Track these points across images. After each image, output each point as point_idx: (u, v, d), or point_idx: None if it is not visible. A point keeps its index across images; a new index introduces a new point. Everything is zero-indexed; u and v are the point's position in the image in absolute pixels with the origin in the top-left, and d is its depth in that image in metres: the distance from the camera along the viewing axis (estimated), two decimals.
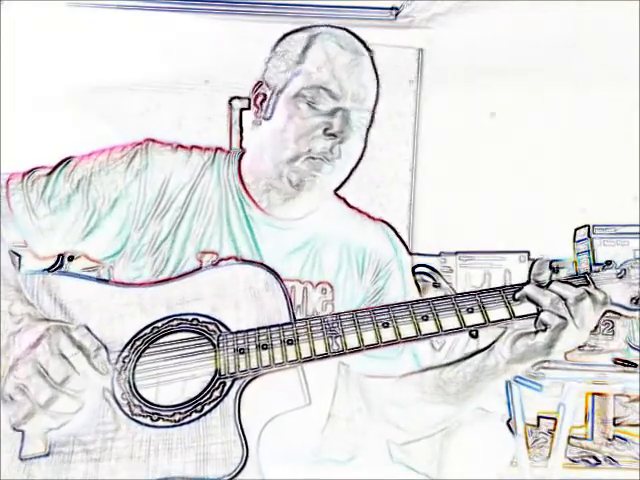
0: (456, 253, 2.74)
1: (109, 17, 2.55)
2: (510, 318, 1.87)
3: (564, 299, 1.85)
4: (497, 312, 1.87)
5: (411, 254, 2.21)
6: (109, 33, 2.55)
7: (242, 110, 2.58)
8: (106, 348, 1.84)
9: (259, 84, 2.10)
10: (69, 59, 2.52)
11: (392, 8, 2.67)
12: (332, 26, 2.10)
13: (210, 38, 2.56)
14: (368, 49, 2.07)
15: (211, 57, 2.55)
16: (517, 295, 1.90)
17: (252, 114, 2.10)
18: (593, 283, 1.89)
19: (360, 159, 2.08)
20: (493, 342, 1.94)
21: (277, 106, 2.03)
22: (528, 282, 1.94)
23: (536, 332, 1.88)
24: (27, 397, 1.76)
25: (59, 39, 2.52)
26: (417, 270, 2.36)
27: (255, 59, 2.17)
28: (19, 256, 1.99)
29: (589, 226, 2.58)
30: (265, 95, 2.07)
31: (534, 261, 1.97)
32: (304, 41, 2.05)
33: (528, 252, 2.66)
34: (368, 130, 2.07)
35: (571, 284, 1.88)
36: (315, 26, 2.09)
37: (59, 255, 2.05)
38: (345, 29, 2.09)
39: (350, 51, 2.04)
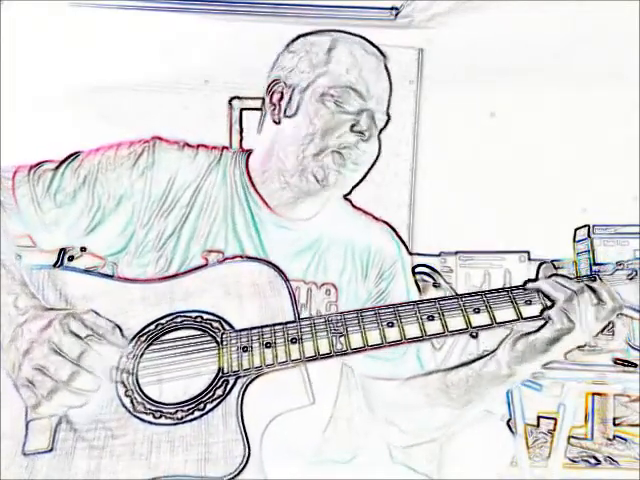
0: (456, 253, 2.74)
1: (109, 17, 2.56)
2: (517, 319, 1.85)
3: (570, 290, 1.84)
4: (504, 313, 1.86)
5: (411, 254, 2.21)
6: (109, 33, 2.55)
7: (242, 110, 2.58)
8: (119, 328, 1.84)
9: (275, 82, 2.06)
10: (69, 59, 2.53)
11: (392, 8, 2.68)
12: (349, 32, 2.11)
13: (210, 38, 2.57)
14: (383, 55, 2.08)
15: (211, 57, 2.55)
16: (529, 285, 1.89)
17: (268, 112, 2.07)
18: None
19: (374, 163, 2.08)
20: (496, 348, 1.93)
21: (302, 103, 2.01)
22: (529, 280, 1.92)
23: (536, 331, 1.87)
24: (47, 376, 1.76)
25: (59, 39, 2.53)
26: (417, 270, 2.36)
27: (255, 59, 2.17)
28: (19, 256, 1.99)
29: (589, 226, 2.59)
30: (282, 93, 2.04)
31: (540, 264, 1.97)
32: (327, 43, 2.04)
33: (528, 252, 2.67)
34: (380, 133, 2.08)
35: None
36: (332, 31, 2.09)
37: (59, 255, 2.05)
38: (361, 36, 2.10)
39: (374, 55, 2.05)
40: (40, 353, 1.77)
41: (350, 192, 2.08)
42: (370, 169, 2.06)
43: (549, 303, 1.86)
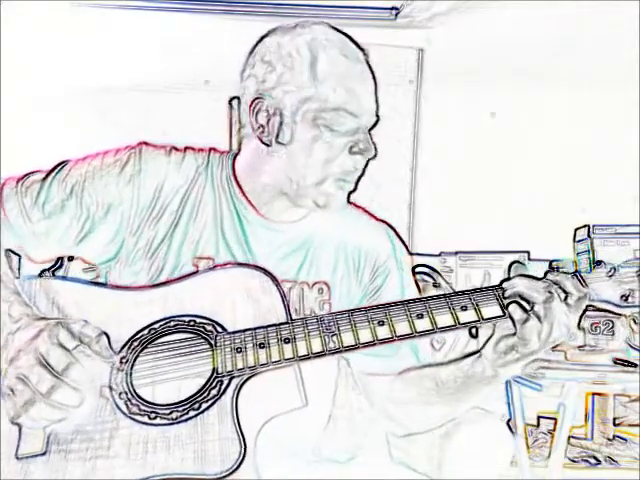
0: (456, 253, 2.75)
1: (109, 17, 2.56)
2: (503, 315, 1.86)
3: (530, 302, 1.84)
4: (491, 309, 1.87)
5: (411, 254, 2.20)
6: (109, 33, 2.55)
7: None
8: (107, 335, 1.84)
9: (258, 100, 1.97)
10: (69, 59, 2.53)
11: (392, 8, 2.68)
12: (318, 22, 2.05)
13: (210, 38, 2.57)
14: (361, 49, 2.02)
15: (211, 57, 2.55)
16: (507, 291, 1.88)
17: (254, 132, 1.98)
18: (584, 281, 1.88)
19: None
20: (481, 348, 1.93)
21: (295, 131, 1.94)
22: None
23: (514, 333, 1.86)
24: (28, 387, 1.76)
25: (59, 39, 2.53)
26: (417, 270, 2.36)
27: None
28: (19, 256, 2.00)
29: (589, 226, 2.58)
30: (267, 113, 1.96)
31: (511, 264, 1.97)
32: (306, 54, 1.95)
33: (528, 252, 2.66)
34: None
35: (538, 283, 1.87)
36: (296, 26, 2.02)
37: (58, 257, 2.05)
38: (329, 25, 2.04)
39: (356, 59, 1.97)
40: (26, 362, 1.77)
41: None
42: (366, 165, 2.04)
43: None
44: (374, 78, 2.00)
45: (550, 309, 1.81)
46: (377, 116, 2.01)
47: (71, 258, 2.06)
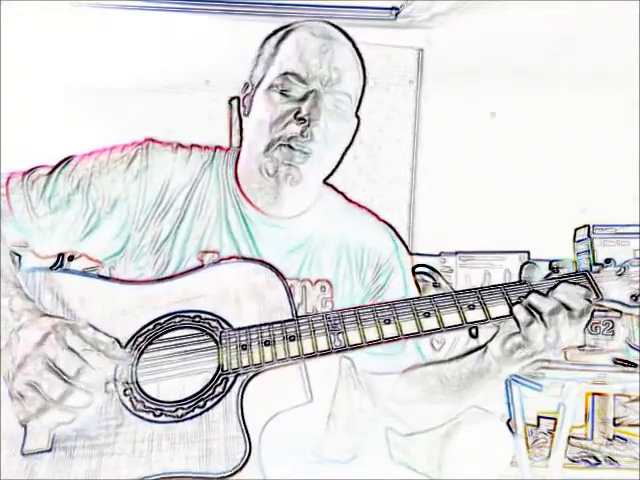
0: (456, 253, 2.74)
1: (109, 17, 2.55)
2: (511, 315, 1.86)
3: (539, 312, 1.85)
4: (498, 309, 1.87)
5: (411, 254, 2.20)
6: (110, 33, 2.55)
7: None
8: (118, 341, 1.84)
9: (245, 85, 2.11)
10: (69, 59, 2.52)
11: (392, 8, 2.68)
12: (316, 20, 2.10)
13: (210, 38, 2.57)
14: (348, 37, 2.06)
15: (211, 57, 2.55)
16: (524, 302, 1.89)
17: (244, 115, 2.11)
18: (593, 280, 1.88)
19: (349, 146, 2.07)
20: (486, 343, 1.94)
21: (254, 101, 2.04)
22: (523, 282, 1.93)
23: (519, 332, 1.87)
24: (39, 393, 1.75)
25: (59, 39, 2.52)
26: (417, 270, 2.36)
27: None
28: (19, 256, 1.99)
29: (589, 226, 2.58)
30: (248, 94, 2.09)
31: (522, 265, 1.97)
32: (279, 37, 2.07)
33: (528, 252, 2.66)
34: (358, 117, 2.06)
35: (547, 295, 1.88)
36: (296, 22, 2.09)
37: (59, 255, 2.04)
38: (327, 22, 2.09)
39: (321, 37, 2.04)
40: (34, 369, 1.77)
41: (329, 176, 2.07)
42: (345, 154, 2.05)
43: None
44: (361, 63, 2.08)
45: (556, 320, 1.83)
46: (356, 97, 2.04)
47: (71, 258, 2.06)
